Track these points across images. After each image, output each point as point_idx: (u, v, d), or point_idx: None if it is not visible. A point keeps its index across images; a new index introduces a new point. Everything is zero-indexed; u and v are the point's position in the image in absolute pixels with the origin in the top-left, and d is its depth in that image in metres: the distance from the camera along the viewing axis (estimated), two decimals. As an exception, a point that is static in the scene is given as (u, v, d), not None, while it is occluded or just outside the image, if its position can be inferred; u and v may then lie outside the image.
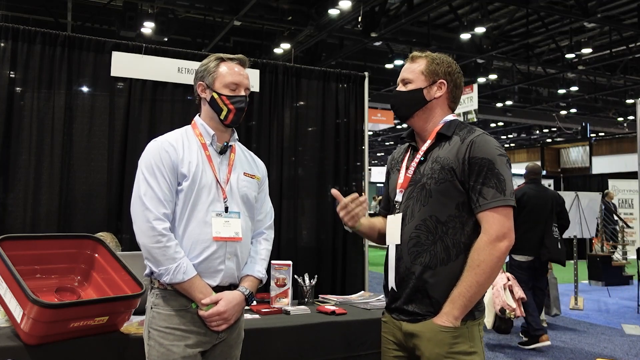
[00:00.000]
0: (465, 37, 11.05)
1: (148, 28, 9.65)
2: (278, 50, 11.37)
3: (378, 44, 12.31)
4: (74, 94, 3.26)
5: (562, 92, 16.37)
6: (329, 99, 4.06)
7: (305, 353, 2.60)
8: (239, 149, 2.07)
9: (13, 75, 3.13)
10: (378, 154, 32.78)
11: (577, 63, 13.40)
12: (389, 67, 13.07)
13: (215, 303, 1.83)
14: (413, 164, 1.83)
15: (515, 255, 5.19)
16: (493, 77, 14.38)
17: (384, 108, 15.06)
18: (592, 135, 22.16)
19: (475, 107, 10.68)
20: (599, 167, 20.15)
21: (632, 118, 19.07)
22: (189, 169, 1.85)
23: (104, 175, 3.28)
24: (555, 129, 23.55)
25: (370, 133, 21.63)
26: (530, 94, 18.14)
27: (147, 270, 1.85)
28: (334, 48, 12.78)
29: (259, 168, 2.11)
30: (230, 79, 1.93)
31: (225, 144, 1.97)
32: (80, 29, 10.19)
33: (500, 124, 23.27)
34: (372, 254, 4.56)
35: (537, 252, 5.14)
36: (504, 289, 5.16)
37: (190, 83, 2.03)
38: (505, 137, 27.66)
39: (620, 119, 21.19)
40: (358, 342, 2.71)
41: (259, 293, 3.00)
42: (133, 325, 2.33)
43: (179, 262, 1.78)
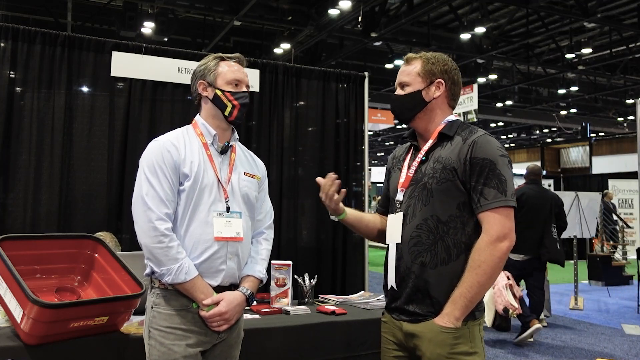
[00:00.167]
0: (465, 37, 11.04)
1: (148, 28, 9.64)
2: (278, 50, 11.36)
3: (378, 44, 12.31)
4: (74, 94, 3.26)
5: (562, 92, 16.36)
6: (329, 99, 4.06)
7: (305, 353, 2.60)
8: (239, 149, 2.07)
9: (13, 75, 3.13)
10: (378, 154, 32.77)
11: (577, 63, 13.39)
12: (389, 67, 13.06)
13: (217, 303, 1.83)
14: (415, 164, 1.83)
15: (510, 254, 5.24)
16: (493, 77, 14.37)
17: (384, 108, 15.06)
18: (592, 135, 22.16)
19: (475, 107, 10.68)
20: (599, 167, 20.16)
21: (632, 118, 19.06)
22: (191, 169, 1.85)
23: (104, 175, 3.28)
24: (555, 129, 23.55)
25: (370, 133, 21.62)
26: (530, 94, 18.13)
27: (147, 270, 1.85)
28: (334, 48, 12.78)
29: (259, 168, 2.11)
30: (232, 76, 1.94)
31: (226, 144, 1.97)
32: (80, 29, 10.19)
33: (500, 124, 23.27)
34: (372, 254, 4.56)
35: (533, 251, 5.21)
36: (507, 289, 5.18)
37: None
38: (505, 137, 27.66)
39: (620, 119, 21.19)
40: (358, 342, 2.71)
41: (259, 293, 3.00)
42: (133, 325, 2.33)
43: (181, 262, 1.78)
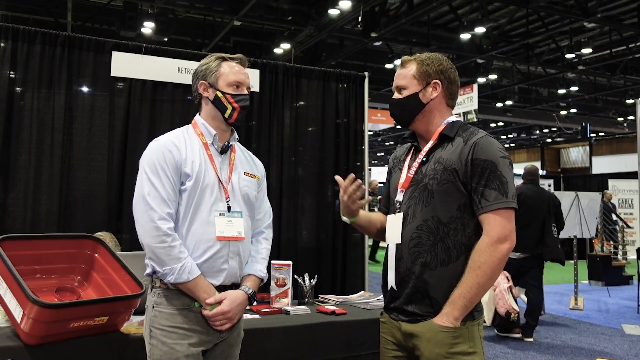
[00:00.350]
0: (465, 37, 11.05)
1: (148, 28, 9.65)
2: (278, 50, 11.37)
3: (378, 44, 12.31)
4: (74, 94, 3.26)
5: (562, 92, 16.38)
6: (329, 99, 4.06)
7: (305, 353, 2.60)
8: (239, 149, 2.07)
9: (13, 75, 3.13)
10: (378, 154, 32.78)
11: (577, 63, 13.40)
12: (389, 67, 13.07)
13: (219, 302, 1.83)
14: (415, 164, 1.83)
15: None
16: (493, 77, 14.38)
17: (384, 108, 15.06)
18: (592, 135, 22.17)
19: (475, 107, 10.69)
20: (599, 167, 20.17)
21: (632, 118, 19.07)
22: (192, 169, 1.85)
23: (104, 175, 3.28)
24: (555, 129, 23.56)
25: (370, 133, 21.63)
26: (530, 94, 18.14)
27: (148, 270, 1.85)
28: (334, 48, 12.78)
29: (258, 168, 2.12)
30: (234, 78, 1.93)
31: (226, 144, 1.97)
32: (80, 29, 10.19)
33: (500, 124, 23.28)
34: (372, 254, 4.55)
35: (530, 250, 5.30)
36: (508, 292, 5.23)
37: (191, 83, 2.03)
38: (505, 137, 27.66)
39: (620, 119, 21.19)
40: (358, 342, 2.71)
41: (259, 293, 3.00)
42: (133, 325, 2.33)
43: (184, 262, 1.78)
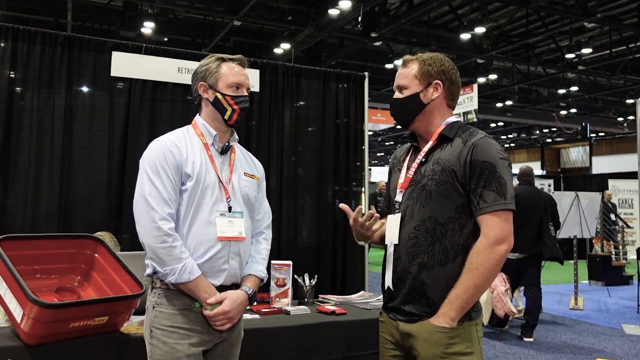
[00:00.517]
0: (465, 37, 11.04)
1: (148, 28, 9.64)
2: (278, 50, 11.36)
3: (378, 44, 12.30)
4: (74, 94, 3.26)
5: (562, 92, 16.36)
6: (329, 99, 4.06)
7: (305, 353, 2.60)
8: (238, 150, 2.07)
9: (13, 75, 3.13)
10: (378, 154, 32.77)
11: (577, 63, 13.39)
12: (389, 67, 13.05)
13: (220, 302, 1.83)
14: (414, 165, 1.84)
15: None
16: (493, 77, 14.37)
17: (384, 108, 15.05)
18: (592, 135, 22.15)
19: (475, 107, 10.68)
20: (599, 167, 20.14)
21: (632, 118, 19.06)
22: (193, 169, 1.85)
23: (104, 175, 3.28)
24: (555, 129, 23.54)
25: (370, 133, 21.62)
26: (530, 94, 18.13)
27: (148, 271, 1.85)
28: (334, 48, 12.77)
29: (258, 168, 2.12)
30: (233, 79, 1.93)
31: (227, 144, 1.98)
32: (80, 29, 10.19)
33: (500, 124, 23.26)
34: (372, 254, 4.56)
35: (527, 250, 5.35)
36: (506, 295, 5.26)
37: (190, 83, 2.03)
38: (505, 137, 27.65)
39: (620, 119, 21.18)
40: (358, 342, 2.71)
41: (259, 293, 3.00)
42: (133, 325, 2.33)
43: (185, 262, 1.78)
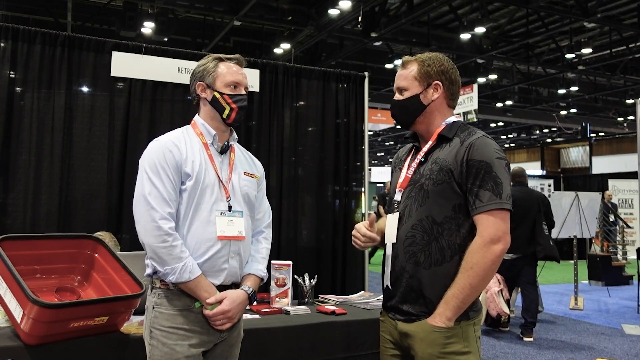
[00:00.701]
0: (465, 37, 11.04)
1: (148, 28, 9.64)
2: (278, 50, 11.36)
3: (378, 44, 12.30)
4: (74, 94, 3.26)
5: (562, 92, 16.36)
6: (329, 99, 4.06)
7: (305, 353, 2.60)
8: (238, 149, 2.08)
9: (13, 75, 3.13)
10: (378, 154, 32.78)
11: (577, 63, 13.39)
12: (389, 67, 13.06)
13: (220, 302, 1.83)
14: (414, 164, 1.84)
15: None
16: (493, 77, 14.37)
17: (384, 108, 15.05)
18: (592, 135, 22.15)
19: (475, 107, 10.69)
20: (599, 167, 20.13)
21: (632, 118, 19.06)
22: (193, 168, 1.85)
23: (104, 175, 3.28)
24: (555, 129, 23.53)
25: (370, 133, 21.62)
26: (530, 94, 18.13)
27: (148, 271, 1.85)
28: (334, 48, 12.78)
29: (257, 168, 2.12)
30: (231, 78, 1.93)
31: (226, 144, 1.98)
32: (80, 29, 10.19)
33: (500, 124, 23.26)
34: (372, 254, 4.55)
35: (522, 250, 5.39)
36: (499, 295, 5.28)
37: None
38: (505, 137, 27.65)
39: (620, 119, 21.18)
40: (358, 342, 2.71)
41: (259, 293, 3.00)
42: (133, 325, 2.33)
43: (185, 261, 1.78)
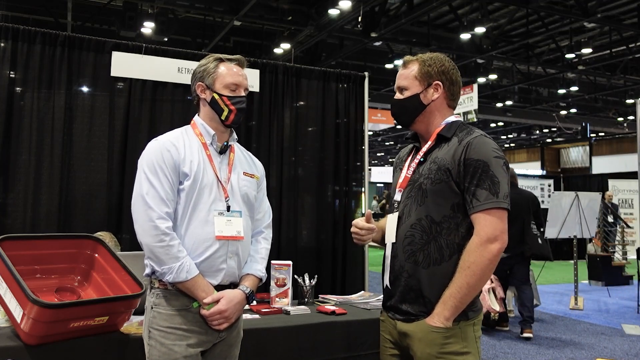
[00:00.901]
0: (465, 37, 11.05)
1: (148, 28, 9.65)
2: (278, 50, 11.37)
3: (378, 44, 12.31)
4: (74, 94, 3.26)
5: (562, 92, 16.37)
6: (329, 99, 4.06)
7: (305, 353, 2.60)
8: (238, 149, 2.08)
9: (13, 75, 3.13)
10: (378, 154, 32.79)
11: (577, 63, 13.40)
12: (389, 67, 13.06)
13: (217, 302, 1.83)
14: (413, 164, 1.85)
15: None
16: (493, 77, 14.38)
17: (384, 108, 15.06)
18: (592, 135, 22.15)
19: (475, 107, 10.69)
20: (599, 167, 20.12)
21: (632, 118, 19.06)
22: (191, 168, 1.86)
23: (104, 175, 3.28)
24: (555, 129, 23.54)
25: (370, 133, 21.63)
26: (530, 94, 18.14)
27: (147, 270, 1.85)
28: (334, 48, 12.78)
29: (258, 168, 2.12)
30: (231, 80, 1.93)
31: (225, 144, 1.98)
32: (80, 29, 10.19)
33: (500, 124, 23.27)
34: (372, 254, 4.56)
35: (512, 249, 5.40)
36: (489, 292, 5.31)
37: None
38: (505, 137, 27.65)
39: (620, 119, 21.19)
40: (358, 342, 2.71)
41: (259, 293, 3.00)
42: (133, 325, 2.33)
43: (182, 261, 1.78)
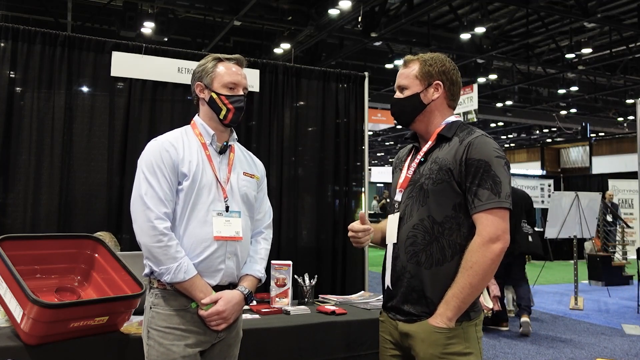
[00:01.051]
0: (465, 37, 11.04)
1: (148, 28, 9.65)
2: (278, 50, 11.36)
3: (378, 44, 12.30)
4: (74, 94, 3.27)
5: (562, 92, 16.36)
6: (329, 99, 4.06)
7: (305, 353, 2.60)
8: (238, 149, 2.07)
9: (13, 75, 3.13)
10: (378, 154, 32.78)
11: (577, 63, 13.39)
12: (389, 67, 13.06)
13: (215, 302, 1.83)
14: (414, 164, 1.84)
15: None
16: (493, 77, 14.37)
17: (384, 108, 15.05)
18: (592, 135, 22.14)
19: (475, 107, 10.68)
20: (599, 167, 20.11)
21: (632, 118, 19.06)
22: (190, 169, 1.86)
23: (104, 175, 3.28)
24: (555, 129, 23.53)
25: (370, 133, 21.62)
26: (530, 94, 18.13)
27: (146, 270, 1.86)
28: (334, 48, 12.78)
29: (258, 168, 2.12)
30: (229, 79, 1.93)
31: (225, 144, 1.98)
32: (80, 29, 10.19)
33: (500, 124, 23.26)
34: (372, 254, 4.56)
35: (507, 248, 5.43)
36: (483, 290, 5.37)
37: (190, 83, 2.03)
38: (505, 137, 27.65)
39: (620, 119, 21.19)
40: (358, 342, 2.71)
41: (259, 293, 3.00)
42: (133, 325, 2.33)
43: (180, 261, 1.78)
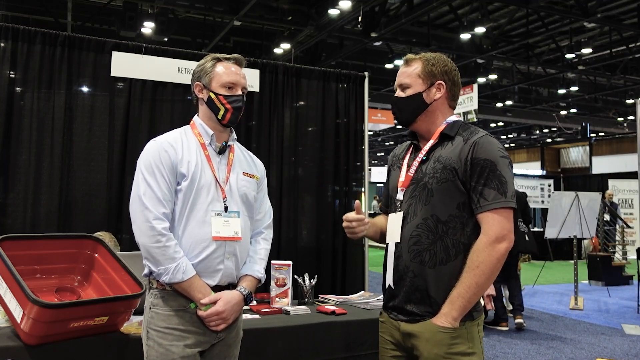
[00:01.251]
0: (465, 37, 11.04)
1: (148, 28, 9.65)
2: (278, 50, 11.36)
3: (378, 44, 12.31)
4: (74, 94, 3.27)
5: (562, 92, 16.36)
6: (329, 99, 4.06)
7: (305, 353, 2.60)
8: (238, 149, 2.07)
9: (13, 75, 3.13)
10: (378, 154, 32.77)
11: (577, 63, 13.39)
12: (389, 67, 13.05)
13: (214, 303, 1.83)
14: (415, 163, 1.84)
15: None
16: (493, 77, 14.37)
17: (384, 108, 15.05)
18: (592, 135, 22.15)
19: (475, 107, 10.67)
20: (599, 167, 20.12)
21: (632, 118, 19.06)
22: (188, 169, 1.85)
23: (104, 175, 3.28)
24: (555, 129, 23.54)
25: (370, 133, 21.62)
26: (530, 94, 18.13)
27: (145, 271, 1.86)
28: (334, 48, 12.78)
29: (258, 168, 2.11)
30: (227, 79, 1.93)
31: (224, 144, 1.97)
32: (80, 29, 10.19)
33: (500, 124, 23.26)
34: (372, 254, 4.56)
35: None
36: None
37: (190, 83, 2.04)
38: (505, 137, 27.64)
39: (620, 119, 21.19)
40: (358, 342, 2.70)
41: (259, 293, 3.00)
42: (133, 325, 2.33)
43: (179, 261, 1.78)
